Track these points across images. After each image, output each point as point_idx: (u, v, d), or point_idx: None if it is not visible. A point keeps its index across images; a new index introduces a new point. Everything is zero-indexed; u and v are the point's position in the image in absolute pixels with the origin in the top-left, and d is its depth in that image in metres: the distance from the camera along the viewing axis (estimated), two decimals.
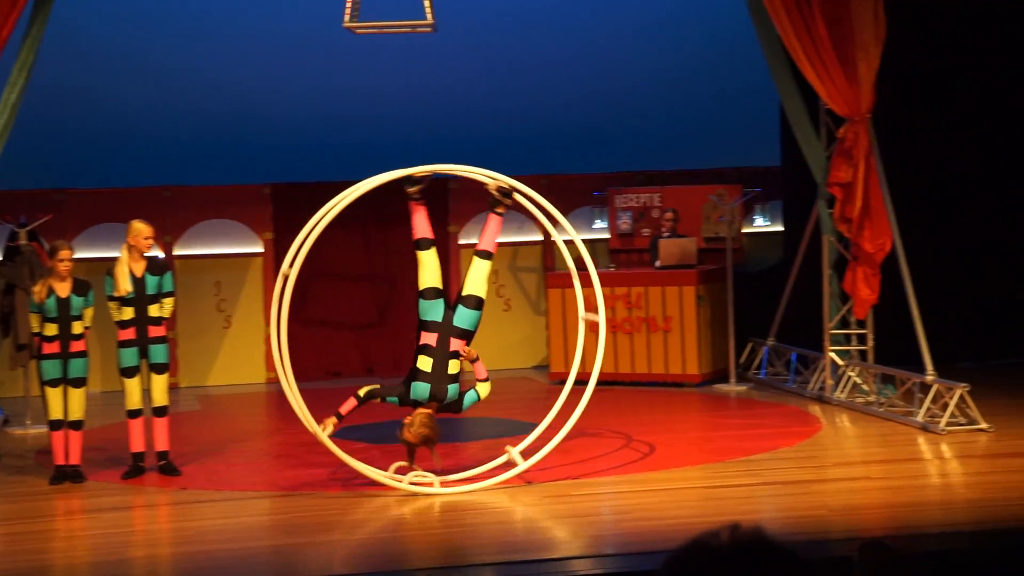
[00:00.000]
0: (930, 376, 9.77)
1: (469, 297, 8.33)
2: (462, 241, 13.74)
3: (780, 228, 13.51)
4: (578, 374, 12.32)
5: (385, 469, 8.73)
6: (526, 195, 8.62)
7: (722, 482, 8.30)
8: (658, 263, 12.39)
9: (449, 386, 8.20)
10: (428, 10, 11.34)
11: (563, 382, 12.35)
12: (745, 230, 13.41)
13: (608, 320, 12.29)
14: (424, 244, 8.45)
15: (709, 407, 11.27)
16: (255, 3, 13.32)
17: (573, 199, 13.87)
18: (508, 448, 8.44)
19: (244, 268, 13.44)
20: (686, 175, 13.67)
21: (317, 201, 13.56)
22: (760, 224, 13.78)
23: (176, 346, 12.96)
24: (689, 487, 8.22)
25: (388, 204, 13.69)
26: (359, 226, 13.64)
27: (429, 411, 8.17)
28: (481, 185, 8.81)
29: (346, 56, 13.26)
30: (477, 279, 8.38)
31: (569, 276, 12.60)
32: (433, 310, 8.27)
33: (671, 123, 13.83)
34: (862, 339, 10.91)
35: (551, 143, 13.72)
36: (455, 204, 13.77)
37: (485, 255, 8.48)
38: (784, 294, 11.83)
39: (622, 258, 13.43)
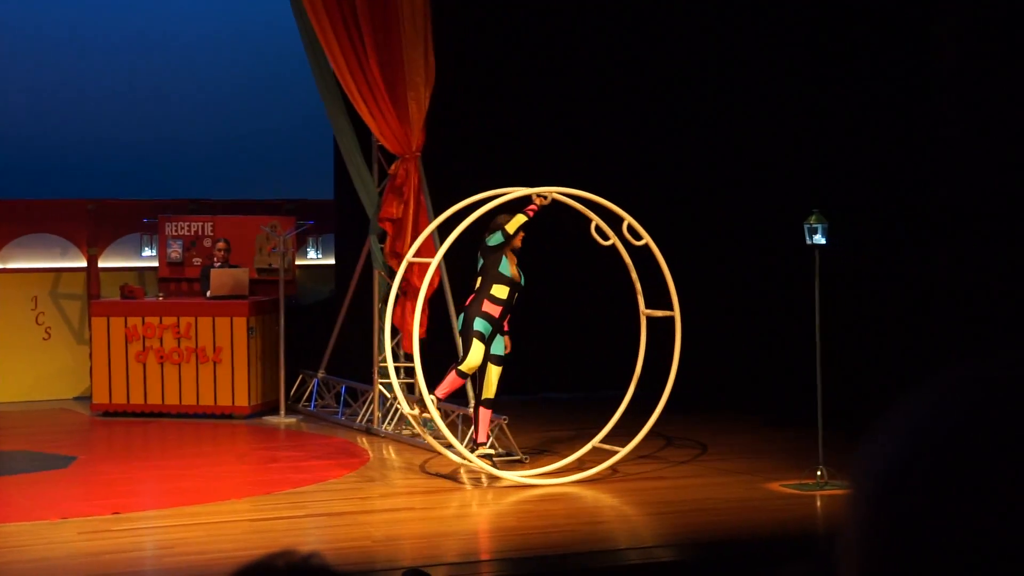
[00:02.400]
0: (472, 408, 10.13)
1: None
2: None
3: (332, 261, 13.65)
4: (124, 406, 11.96)
5: None
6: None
7: (268, 514, 8.25)
8: (209, 293, 12.20)
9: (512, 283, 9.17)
10: None
11: (107, 413, 11.97)
12: (298, 262, 13.45)
13: (156, 350, 12.00)
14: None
15: (257, 439, 11.18)
16: None
17: (121, 226, 13.45)
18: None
19: None
20: (239, 205, 13.56)
21: None
22: (313, 257, 13.86)
23: None
24: (235, 520, 8.12)
25: None
26: None
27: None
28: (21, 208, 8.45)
29: None
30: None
31: (115, 304, 12.23)
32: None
33: (225, 152, 13.70)
34: (410, 372, 11.17)
35: (98, 167, 13.25)
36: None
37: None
38: (335, 327, 11.95)
39: (172, 287, 13.13)
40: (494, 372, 9.23)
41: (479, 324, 9.15)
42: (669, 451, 10.23)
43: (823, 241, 8.76)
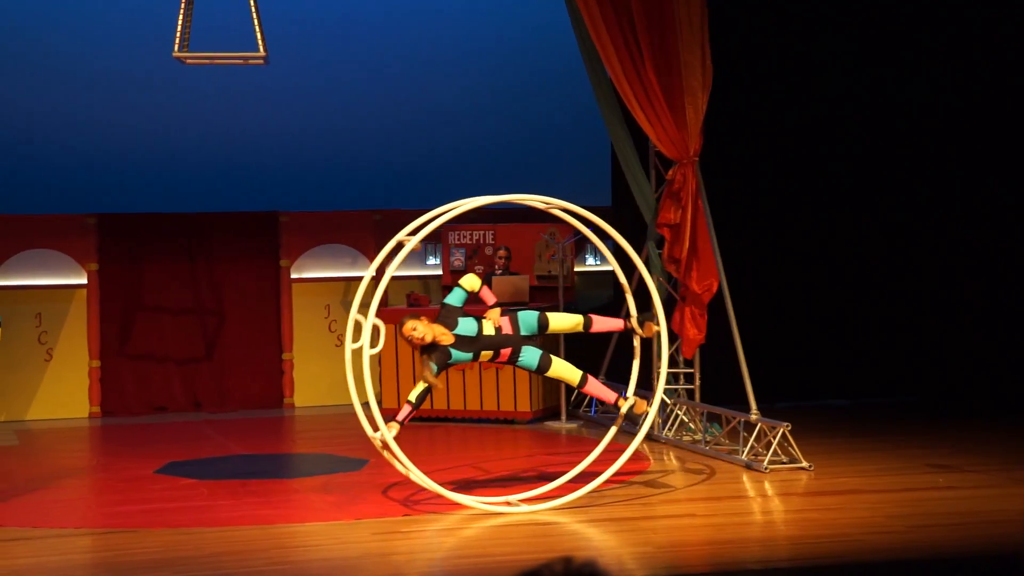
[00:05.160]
0: (754, 415, 10.01)
1: (543, 349, 8.58)
2: (293, 276, 13.62)
3: (610, 267, 13.72)
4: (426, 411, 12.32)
5: (213, 508, 8.59)
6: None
7: (550, 519, 8.36)
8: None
9: (479, 349, 8.38)
10: (260, 42, 11.26)
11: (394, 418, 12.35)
12: (577, 269, 13.59)
13: None
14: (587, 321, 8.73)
15: (539, 444, 11.34)
16: (81, 30, 13.03)
17: None
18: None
19: (67, 300, 13.09)
20: (518, 213, 13.79)
21: (143, 232, 13.38)
22: (591, 263, 13.99)
23: None
24: (518, 523, 8.26)
25: (215, 240, 13.50)
26: (185, 260, 13.42)
27: (439, 329, 8.30)
28: (314, 219, 8.88)
29: (175, 86, 13.06)
30: (560, 318, 8.64)
31: (402, 312, 12.62)
32: (530, 322, 8.49)
33: (504, 161, 13.97)
34: (689, 378, 11.14)
35: (384, 178, 13.72)
36: (287, 238, 13.65)
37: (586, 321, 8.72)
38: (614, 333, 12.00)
39: None
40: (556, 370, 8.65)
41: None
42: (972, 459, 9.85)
43: None
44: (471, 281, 8.51)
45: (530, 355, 8.51)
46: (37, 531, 8.17)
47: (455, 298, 8.51)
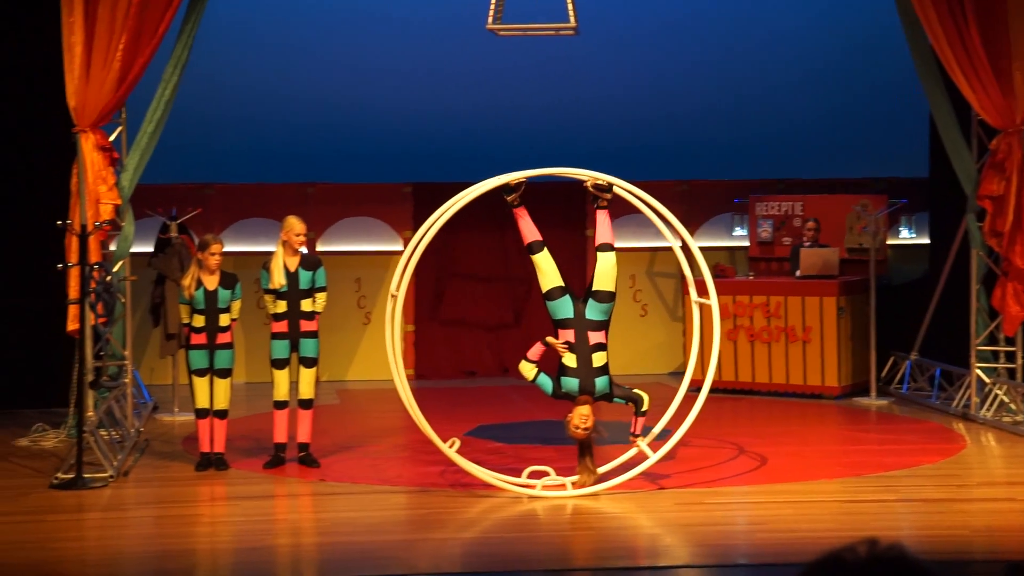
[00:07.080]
0: None
1: (599, 292, 8.36)
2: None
3: (926, 241, 13.25)
4: (717, 382, 12.25)
5: (519, 471, 8.78)
6: (626, 189, 8.65)
7: (859, 497, 8.16)
8: (798, 272, 12.23)
9: (597, 379, 8.23)
10: (571, 13, 11.36)
11: (699, 389, 12.32)
12: (889, 242, 13.18)
13: (746, 329, 12.21)
14: (536, 247, 8.54)
15: (848, 420, 11.09)
16: (401, 4, 13.48)
17: (713, 206, 13.80)
18: (638, 442, 8.41)
19: (384, 266, 13.62)
20: (829, 184, 13.49)
21: None
22: (906, 236, 13.53)
23: None
24: (825, 500, 8.10)
25: (525, 206, 13.76)
26: (495, 228, 13.72)
27: (587, 405, 8.17)
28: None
29: (490, 58, 13.35)
30: (603, 273, 8.40)
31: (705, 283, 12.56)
32: (563, 308, 8.33)
33: (815, 131, 13.66)
34: (1011, 356, 10.64)
35: (692, 149, 13.65)
36: (592, 207, 13.76)
37: (605, 248, 8.50)
38: (929, 308, 11.59)
39: (761, 267, 13.29)
40: None
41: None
42: None
43: None
44: (525, 369, 8.16)
45: (595, 310, 8.25)
46: (356, 487, 8.56)
47: (546, 389, 8.21)
